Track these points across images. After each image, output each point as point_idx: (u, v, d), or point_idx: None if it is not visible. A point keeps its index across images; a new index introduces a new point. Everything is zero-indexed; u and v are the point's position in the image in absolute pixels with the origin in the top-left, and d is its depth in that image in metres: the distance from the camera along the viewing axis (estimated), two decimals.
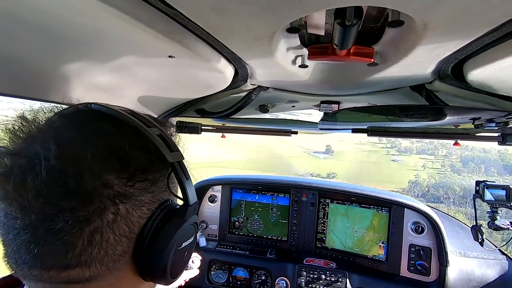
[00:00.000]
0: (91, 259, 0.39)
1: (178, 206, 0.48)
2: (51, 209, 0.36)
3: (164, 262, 0.44)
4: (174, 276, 0.48)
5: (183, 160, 0.49)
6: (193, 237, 0.51)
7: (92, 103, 0.47)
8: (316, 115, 1.61)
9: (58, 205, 0.36)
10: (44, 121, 0.43)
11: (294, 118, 1.58)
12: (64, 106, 0.48)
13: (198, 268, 1.65)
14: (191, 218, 0.48)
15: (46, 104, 0.48)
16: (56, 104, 0.49)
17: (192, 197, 0.48)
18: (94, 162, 0.38)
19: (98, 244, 0.39)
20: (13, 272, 0.41)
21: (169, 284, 0.49)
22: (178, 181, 0.46)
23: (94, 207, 0.37)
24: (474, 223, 1.55)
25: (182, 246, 0.47)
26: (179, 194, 0.48)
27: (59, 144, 0.38)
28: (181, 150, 0.50)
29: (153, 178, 0.44)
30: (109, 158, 0.40)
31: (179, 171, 0.46)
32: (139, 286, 0.47)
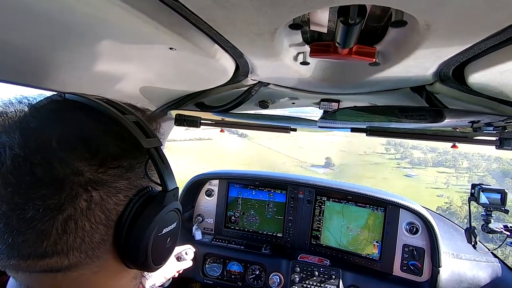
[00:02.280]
0: (67, 247, 0.39)
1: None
2: (20, 198, 0.36)
3: (144, 248, 0.44)
4: (158, 263, 0.48)
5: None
6: (175, 224, 0.50)
7: (67, 92, 0.47)
8: (315, 113, 1.61)
9: (28, 194, 0.36)
10: (14, 112, 0.42)
11: (294, 115, 1.58)
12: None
13: (192, 260, 1.67)
14: (171, 204, 0.48)
15: (33, 92, 0.48)
16: (48, 92, 0.49)
17: (171, 183, 0.47)
18: (61, 149, 0.38)
19: (73, 232, 0.38)
20: None
21: (154, 271, 0.49)
22: (155, 167, 0.46)
23: (65, 194, 0.37)
24: (468, 226, 1.56)
25: (163, 232, 0.47)
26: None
27: (23, 132, 0.38)
28: (160, 138, 0.50)
29: (129, 165, 0.44)
30: (78, 145, 0.39)
31: (156, 157, 0.46)
32: (123, 273, 0.48)
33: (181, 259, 1.64)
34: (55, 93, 0.49)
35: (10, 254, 0.38)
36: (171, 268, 1.54)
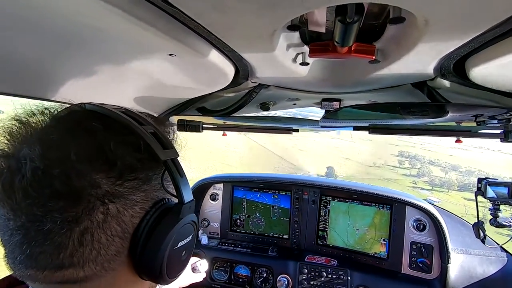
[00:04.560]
0: (83, 259, 0.39)
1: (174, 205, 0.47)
2: (39, 210, 0.36)
3: (159, 262, 0.44)
4: (172, 276, 0.48)
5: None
6: (190, 237, 0.50)
7: (86, 103, 0.46)
8: (317, 113, 1.61)
9: (46, 206, 0.36)
10: (36, 123, 0.42)
11: (296, 116, 1.58)
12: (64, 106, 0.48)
13: (205, 271, 1.65)
14: (187, 217, 0.47)
15: (46, 104, 0.48)
16: (56, 103, 0.49)
17: (187, 195, 0.47)
18: (80, 161, 0.38)
19: (90, 244, 0.38)
20: (12, 272, 0.41)
21: (168, 284, 0.48)
22: (172, 179, 0.45)
23: (82, 207, 0.37)
24: (476, 220, 1.54)
25: (178, 245, 0.47)
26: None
27: (43, 144, 0.38)
28: (177, 148, 0.50)
29: (145, 177, 0.44)
30: (96, 158, 0.39)
31: (173, 169, 0.45)
32: (137, 285, 0.47)
33: (196, 270, 1.63)
34: (59, 103, 0.49)
35: (28, 265, 0.38)
36: (186, 279, 1.53)
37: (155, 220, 0.44)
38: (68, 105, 0.48)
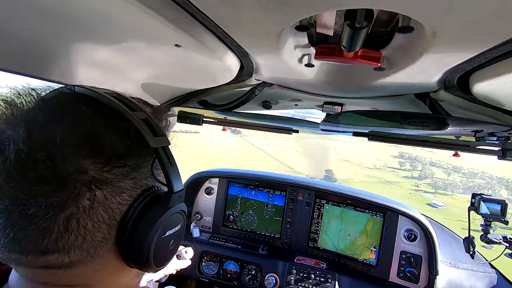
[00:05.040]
0: (68, 245, 0.38)
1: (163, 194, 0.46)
2: (23, 194, 0.35)
3: (146, 250, 0.43)
4: (159, 265, 0.47)
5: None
6: (179, 226, 0.49)
7: (76, 85, 0.45)
8: (318, 115, 1.61)
9: (30, 190, 0.35)
10: (22, 104, 0.41)
11: (296, 117, 1.58)
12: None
13: (191, 259, 1.67)
14: (176, 206, 0.46)
15: (38, 83, 0.47)
16: (57, 84, 0.48)
17: (178, 184, 0.46)
18: (66, 146, 0.36)
19: (75, 230, 0.38)
20: None
21: (155, 272, 0.48)
22: (162, 167, 0.44)
23: (68, 192, 0.36)
24: (467, 235, 1.55)
25: (166, 234, 0.46)
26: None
27: (28, 127, 0.37)
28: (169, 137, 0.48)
29: (135, 164, 0.43)
30: (83, 142, 0.38)
31: (163, 157, 0.44)
32: (125, 272, 0.47)
33: (180, 257, 1.64)
34: (61, 85, 0.48)
35: (11, 248, 0.37)
36: (171, 265, 1.53)
37: (143, 208, 0.43)
38: (57, 87, 0.47)
